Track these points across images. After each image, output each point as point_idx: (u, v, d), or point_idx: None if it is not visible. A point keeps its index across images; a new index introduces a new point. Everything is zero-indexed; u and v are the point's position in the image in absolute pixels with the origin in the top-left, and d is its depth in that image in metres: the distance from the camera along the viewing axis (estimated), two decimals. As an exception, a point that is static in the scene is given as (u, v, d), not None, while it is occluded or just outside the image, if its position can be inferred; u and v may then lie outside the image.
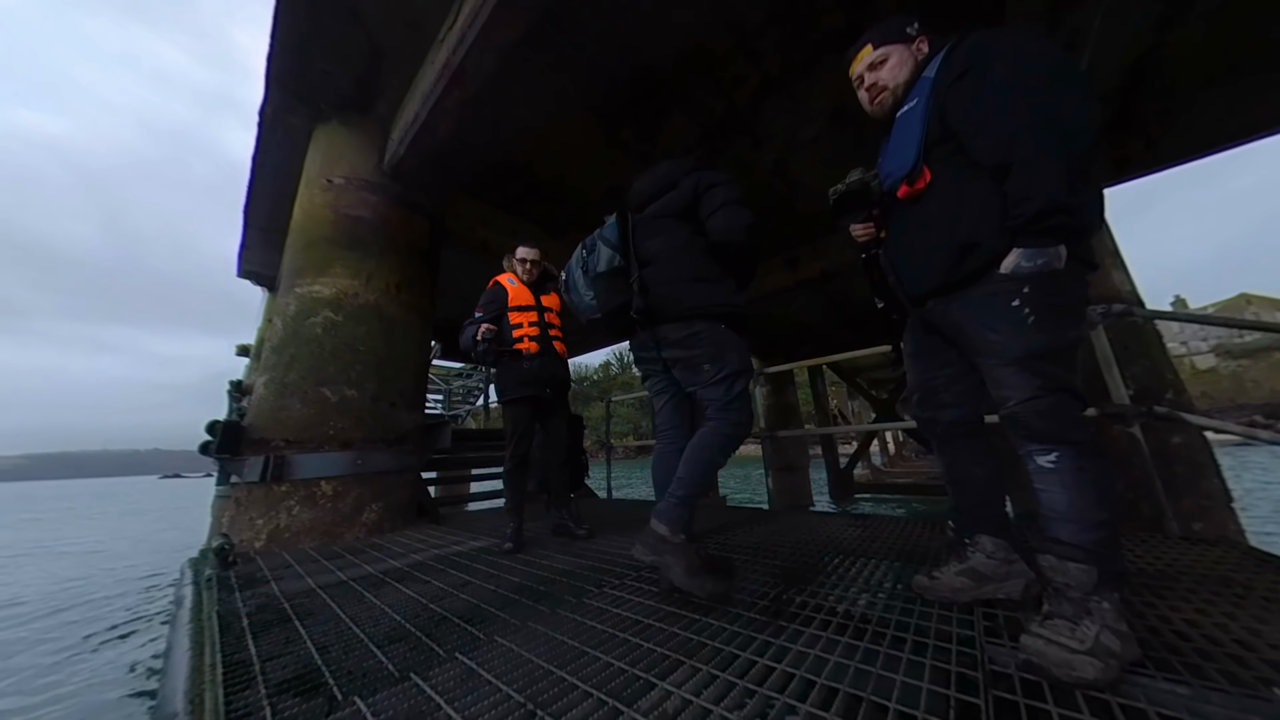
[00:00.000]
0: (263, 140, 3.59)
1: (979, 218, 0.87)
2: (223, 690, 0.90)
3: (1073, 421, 0.84)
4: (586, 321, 1.55)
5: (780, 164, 4.05)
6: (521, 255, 2.25)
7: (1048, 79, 0.80)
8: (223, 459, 2.45)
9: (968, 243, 0.88)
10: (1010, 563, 1.08)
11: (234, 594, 1.58)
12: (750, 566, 1.57)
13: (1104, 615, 0.78)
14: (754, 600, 1.24)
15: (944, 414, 1.13)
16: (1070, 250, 0.81)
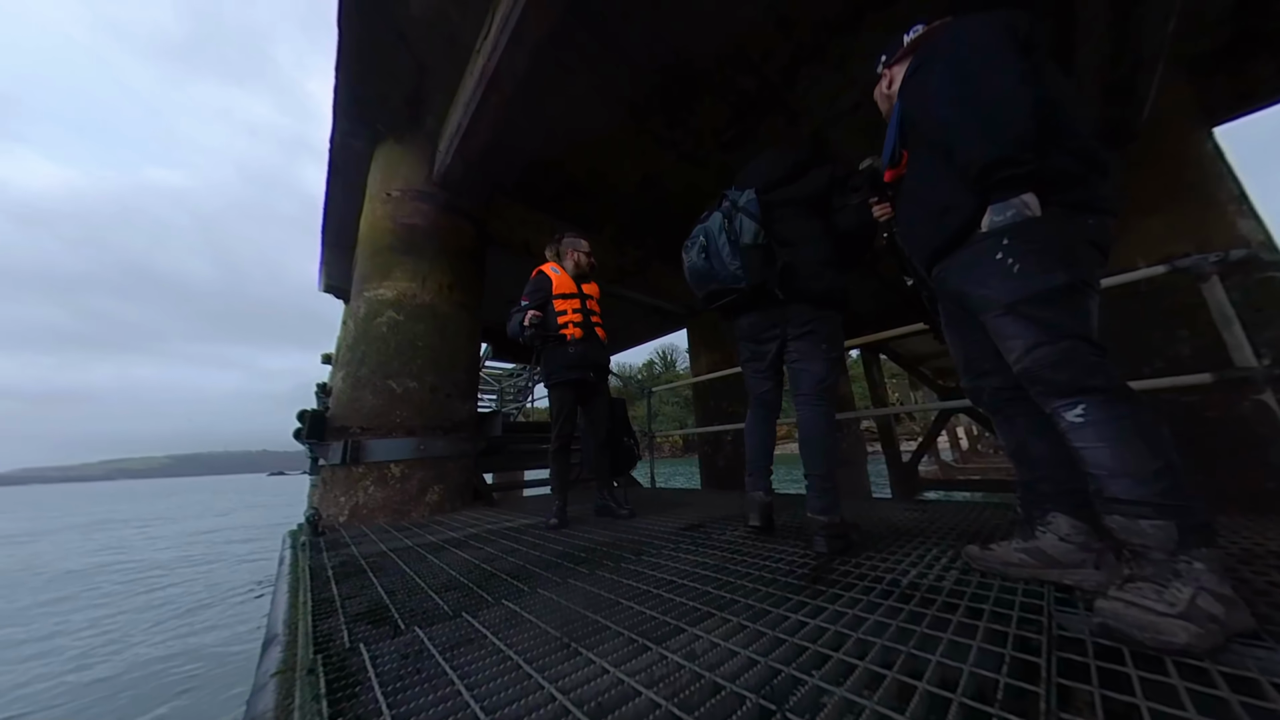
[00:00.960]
0: (333, 165, 4.03)
1: (951, 184, 0.92)
2: (311, 618, 1.04)
3: (1087, 367, 0.80)
4: (707, 292, 1.56)
5: (818, 138, 3.85)
6: (581, 247, 2.36)
7: (979, 62, 0.86)
8: (311, 443, 2.80)
9: (944, 205, 0.94)
10: (1089, 549, 0.93)
11: (322, 554, 1.81)
12: (790, 541, 1.52)
13: (1198, 576, 0.68)
14: (793, 569, 1.21)
15: (987, 381, 1.09)
16: (1057, 198, 0.83)
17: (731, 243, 1.48)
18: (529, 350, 2.22)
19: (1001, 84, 0.83)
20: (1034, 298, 0.83)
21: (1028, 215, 0.82)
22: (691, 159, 4.03)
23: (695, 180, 4.32)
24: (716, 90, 3.34)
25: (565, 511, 2.15)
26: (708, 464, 6.22)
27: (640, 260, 5.64)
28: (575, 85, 3.17)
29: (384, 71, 3.14)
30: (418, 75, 3.18)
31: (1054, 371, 0.81)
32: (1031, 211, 0.82)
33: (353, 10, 2.76)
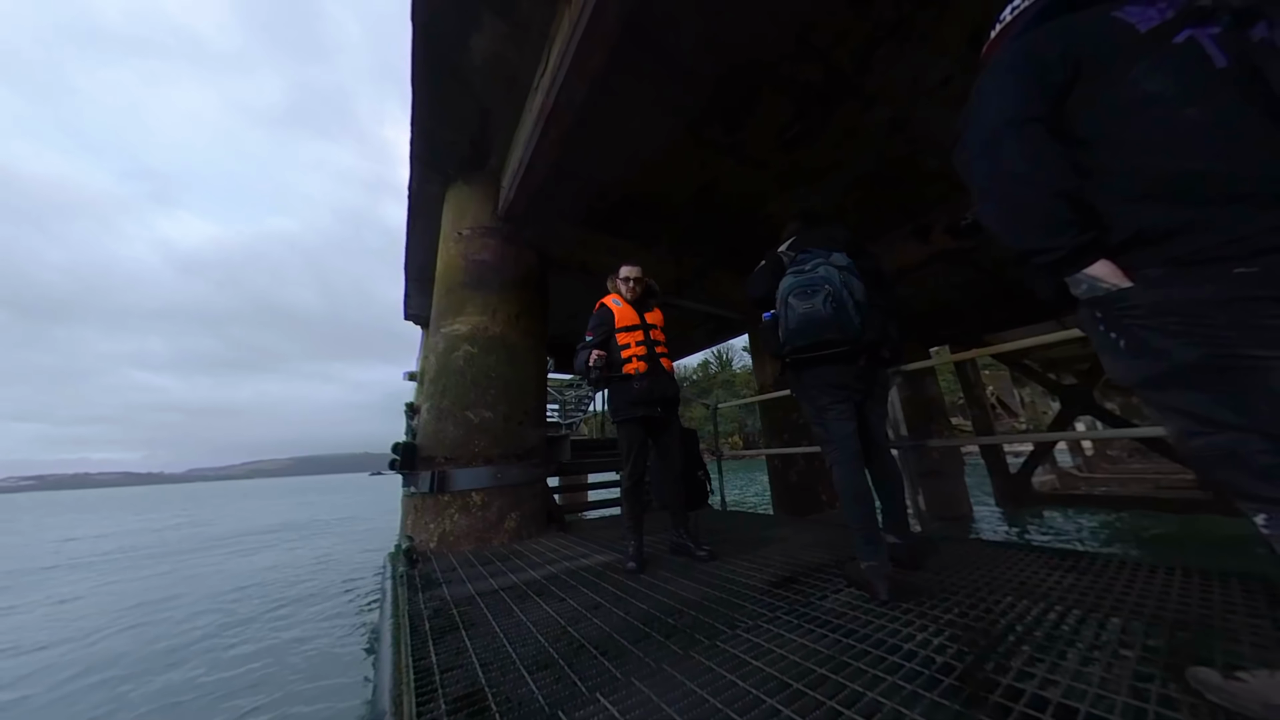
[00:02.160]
0: (412, 209, 4.39)
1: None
2: (414, 699, 1.04)
3: (1254, 472, 0.64)
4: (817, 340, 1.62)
5: (899, 121, 3.41)
6: (625, 274, 2.29)
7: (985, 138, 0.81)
8: (404, 473, 3.03)
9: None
10: None
11: (418, 594, 1.90)
12: (910, 618, 1.29)
13: None
14: (931, 673, 1.00)
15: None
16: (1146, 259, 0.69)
17: (853, 299, 1.60)
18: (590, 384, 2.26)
19: (1009, 171, 0.77)
20: (1152, 381, 0.72)
21: (1104, 289, 0.72)
22: (751, 162, 3.79)
23: (755, 184, 4.07)
24: (777, 88, 3.08)
25: (642, 552, 2.10)
26: (778, 479, 5.86)
27: (698, 269, 5.47)
28: (629, 106, 3.11)
29: (452, 120, 3.33)
30: (481, 119, 3.32)
31: (1211, 470, 0.68)
32: (1109, 284, 0.71)
33: (423, 67, 2.95)
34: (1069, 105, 0.76)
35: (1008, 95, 0.79)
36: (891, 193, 4.32)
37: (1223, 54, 0.66)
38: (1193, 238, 0.66)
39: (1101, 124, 0.73)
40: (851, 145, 3.63)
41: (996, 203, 0.80)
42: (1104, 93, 0.73)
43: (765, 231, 4.93)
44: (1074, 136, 0.75)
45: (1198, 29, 0.68)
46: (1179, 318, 0.67)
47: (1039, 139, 0.75)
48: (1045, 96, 0.76)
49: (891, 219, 4.81)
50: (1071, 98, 0.75)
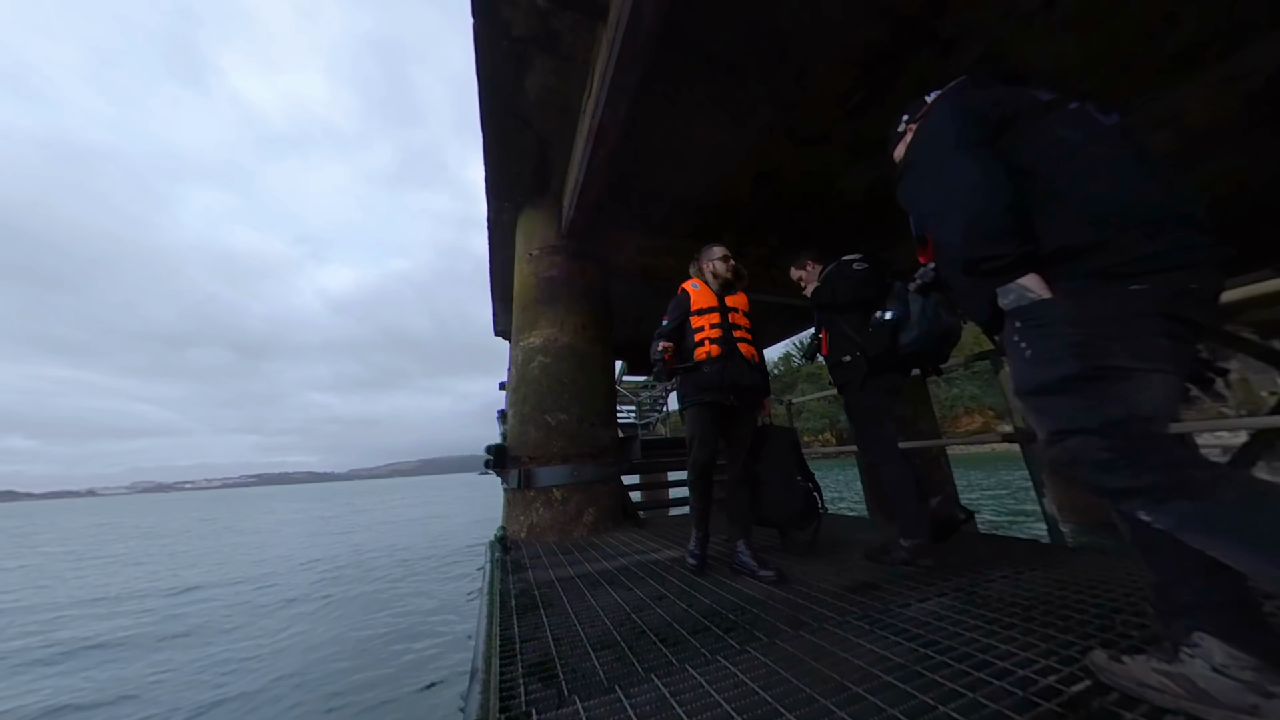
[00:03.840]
0: (491, 238, 4.96)
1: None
2: (498, 660, 1.22)
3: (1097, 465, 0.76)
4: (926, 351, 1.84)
5: (990, 57, 2.91)
6: (721, 253, 2.13)
7: (943, 160, 0.91)
8: (497, 472, 3.44)
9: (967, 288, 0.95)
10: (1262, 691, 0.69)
11: (508, 576, 2.16)
12: (1012, 634, 1.11)
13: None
14: (1027, 695, 0.87)
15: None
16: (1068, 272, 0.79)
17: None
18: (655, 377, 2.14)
19: (966, 181, 0.86)
20: (1040, 389, 0.82)
21: (1031, 299, 0.81)
22: (813, 140, 3.55)
23: (818, 162, 3.79)
24: (834, 57, 2.85)
25: (705, 550, 2.02)
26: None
27: (764, 259, 5.25)
28: (674, 111, 3.15)
29: (516, 153, 3.70)
30: (540, 148, 3.64)
31: (1065, 470, 0.80)
32: (1035, 294, 0.81)
33: (488, 112, 3.34)
34: (1000, 144, 0.88)
35: (956, 130, 0.92)
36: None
37: (1103, 117, 0.85)
38: (1104, 255, 0.77)
39: (1031, 158, 0.86)
40: (930, 99, 3.20)
41: (959, 211, 0.87)
42: (1029, 135, 0.87)
43: (835, 210, 4.55)
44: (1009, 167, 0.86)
45: (1081, 103, 0.88)
46: (1079, 329, 0.78)
47: (990, 159, 0.86)
48: (985, 131, 0.89)
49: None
50: (1002, 138, 0.89)
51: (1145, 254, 0.74)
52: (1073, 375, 0.77)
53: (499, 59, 2.87)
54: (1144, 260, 0.74)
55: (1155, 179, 0.78)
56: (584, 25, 2.67)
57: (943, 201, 0.90)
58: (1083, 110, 0.86)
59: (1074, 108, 0.86)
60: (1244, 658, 0.70)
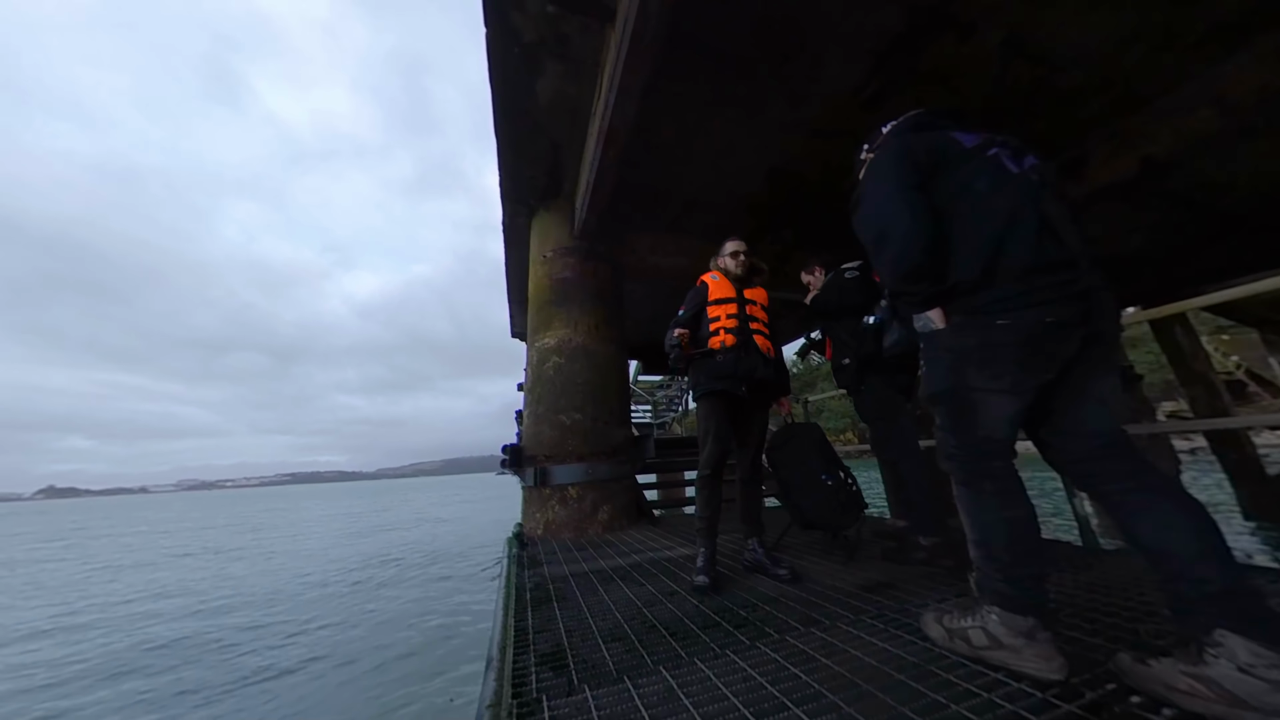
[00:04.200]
0: (506, 241, 5.06)
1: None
2: (512, 650, 1.26)
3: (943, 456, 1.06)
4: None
5: (1013, 40, 2.80)
6: (732, 249, 2.11)
7: (881, 202, 1.07)
8: (513, 470, 3.51)
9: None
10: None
11: (524, 570, 2.21)
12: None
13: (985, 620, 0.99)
14: (1046, 697, 0.85)
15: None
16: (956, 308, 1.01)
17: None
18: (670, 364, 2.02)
19: (895, 224, 1.02)
20: (929, 399, 1.06)
21: (932, 328, 1.03)
22: (824, 134, 3.48)
23: (832, 155, 3.72)
24: (848, 44, 2.80)
25: (714, 564, 1.79)
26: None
27: (780, 256, 5.18)
28: (684, 107, 3.15)
29: (529, 157, 3.77)
30: (553, 152, 3.70)
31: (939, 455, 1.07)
32: (935, 325, 1.03)
33: (502, 117, 3.41)
34: (930, 186, 1.05)
35: (897, 173, 1.07)
36: (1018, 128, 3.54)
37: (1014, 165, 1.01)
38: (983, 294, 0.96)
39: (948, 201, 1.03)
40: (950, 86, 3.10)
41: (889, 250, 1.04)
42: (950, 181, 1.04)
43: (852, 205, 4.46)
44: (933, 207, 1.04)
45: (998, 149, 1.04)
46: (953, 355, 1.00)
47: (918, 205, 1.03)
48: (918, 176, 1.06)
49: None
50: (932, 181, 1.05)
51: (1013, 294, 0.93)
52: (943, 391, 1.03)
53: (511, 65, 2.93)
54: (1011, 300, 0.93)
55: (1041, 230, 0.94)
56: (593, 28, 2.70)
57: (878, 238, 1.07)
58: (996, 159, 1.02)
59: (991, 154, 1.03)
60: (1268, 654, 0.71)
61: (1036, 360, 0.93)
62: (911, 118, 1.22)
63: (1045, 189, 0.98)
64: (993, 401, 0.96)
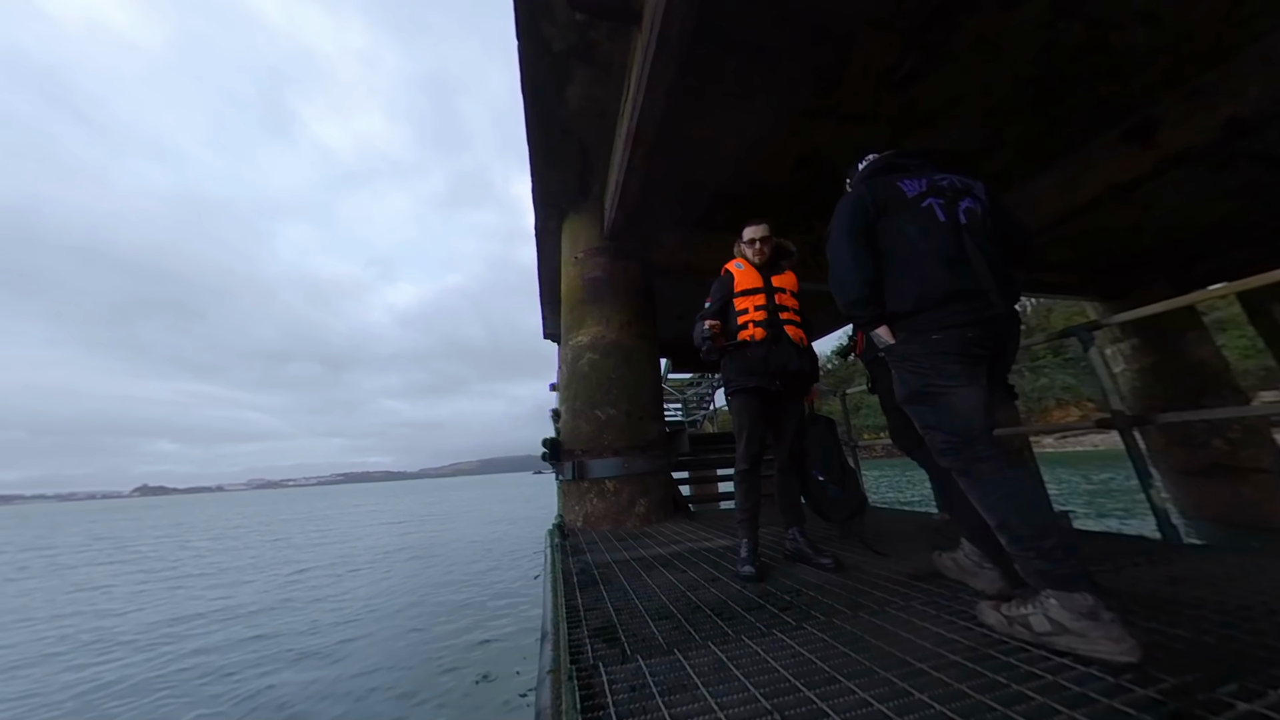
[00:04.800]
0: (539, 245, 5.23)
1: None
2: (566, 625, 1.33)
3: (939, 450, 1.19)
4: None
5: (1063, 3, 2.61)
6: (749, 235, 2.03)
7: (834, 246, 1.36)
8: (552, 463, 3.64)
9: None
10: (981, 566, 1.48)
11: (568, 558, 2.30)
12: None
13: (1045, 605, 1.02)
14: (1119, 681, 0.82)
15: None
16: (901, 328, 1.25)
17: None
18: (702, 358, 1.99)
19: (842, 267, 1.33)
20: (906, 400, 1.26)
21: (886, 342, 1.28)
22: (855, 119, 3.39)
23: (864, 140, 3.60)
24: (876, 24, 2.71)
25: (758, 554, 1.79)
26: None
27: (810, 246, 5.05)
28: (710, 101, 3.15)
29: (560, 162, 3.90)
30: (582, 155, 3.80)
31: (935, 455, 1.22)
32: (887, 340, 1.27)
33: (534, 125, 3.55)
34: (876, 229, 1.31)
35: (849, 222, 1.34)
36: (1075, 94, 3.30)
37: (943, 214, 1.22)
38: (917, 319, 1.20)
39: (888, 243, 1.28)
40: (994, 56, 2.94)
41: (837, 282, 1.34)
42: (889, 227, 1.29)
43: (888, 188, 4.29)
44: (878, 248, 1.30)
45: (933, 199, 1.25)
46: (911, 363, 1.21)
47: (860, 249, 1.30)
48: (864, 222, 1.32)
49: (1083, 126, 3.65)
50: (877, 226, 1.31)
51: (938, 318, 1.17)
52: (916, 391, 1.21)
53: (542, 75, 3.05)
54: (936, 321, 1.18)
55: (958, 268, 1.17)
56: (620, 32, 2.77)
57: (831, 272, 1.36)
58: (929, 209, 1.24)
59: (925, 206, 1.25)
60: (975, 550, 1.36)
61: (972, 360, 1.17)
62: (880, 160, 1.46)
63: (968, 232, 1.20)
64: (959, 393, 1.15)
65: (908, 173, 1.35)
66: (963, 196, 1.26)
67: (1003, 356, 1.22)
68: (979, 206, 1.25)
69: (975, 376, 1.16)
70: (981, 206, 1.25)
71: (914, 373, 1.21)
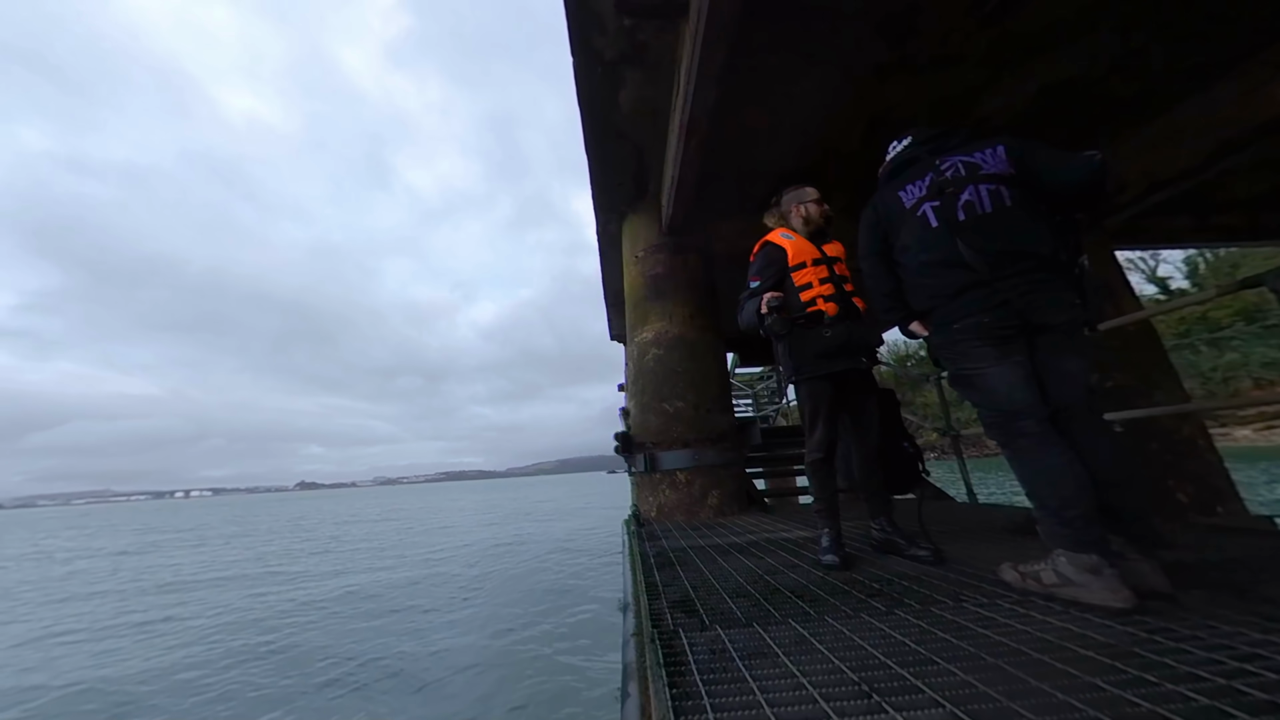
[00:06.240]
0: (601, 249, 5.46)
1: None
2: (646, 597, 1.40)
3: (987, 427, 1.29)
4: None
5: None
6: (801, 200, 1.89)
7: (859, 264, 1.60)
8: (625, 456, 3.78)
9: None
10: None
11: (644, 543, 2.38)
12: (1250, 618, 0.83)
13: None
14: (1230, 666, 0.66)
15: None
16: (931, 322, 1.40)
17: None
18: (768, 346, 1.85)
19: (868, 282, 1.57)
20: (951, 382, 1.39)
21: (920, 337, 1.45)
22: (937, 64, 3.02)
23: (950, 87, 3.20)
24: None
25: (842, 542, 1.67)
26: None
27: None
28: (765, 82, 3.05)
29: (616, 166, 4.04)
30: (637, 155, 3.91)
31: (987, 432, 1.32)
32: (921, 333, 1.44)
33: (591, 136, 3.73)
34: (890, 242, 1.48)
35: (863, 241, 1.55)
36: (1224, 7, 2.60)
37: (935, 220, 1.33)
38: (935, 315, 1.36)
39: (898, 255, 1.45)
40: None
41: (869, 292, 1.60)
42: (896, 240, 1.45)
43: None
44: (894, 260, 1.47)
45: (929, 205, 1.35)
46: (943, 351, 1.37)
47: (878, 265, 1.51)
48: (877, 240, 1.51)
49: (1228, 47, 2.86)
50: (889, 238, 1.48)
51: (952, 311, 1.29)
52: (954, 375, 1.35)
53: (595, 85, 3.21)
54: (951, 314, 1.30)
55: (954, 267, 1.27)
56: (667, 29, 2.81)
57: (865, 283, 1.60)
58: (923, 217, 1.35)
59: (920, 214, 1.36)
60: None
61: (993, 342, 1.22)
62: (889, 163, 1.58)
63: (963, 231, 1.25)
64: (991, 373, 1.23)
65: (914, 170, 1.42)
66: (966, 185, 1.29)
67: (1049, 329, 1.20)
68: (985, 190, 1.26)
69: (1007, 355, 1.21)
70: (989, 187, 1.26)
71: (948, 359, 1.34)
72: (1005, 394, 1.21)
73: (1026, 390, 1.19)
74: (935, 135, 1.46)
